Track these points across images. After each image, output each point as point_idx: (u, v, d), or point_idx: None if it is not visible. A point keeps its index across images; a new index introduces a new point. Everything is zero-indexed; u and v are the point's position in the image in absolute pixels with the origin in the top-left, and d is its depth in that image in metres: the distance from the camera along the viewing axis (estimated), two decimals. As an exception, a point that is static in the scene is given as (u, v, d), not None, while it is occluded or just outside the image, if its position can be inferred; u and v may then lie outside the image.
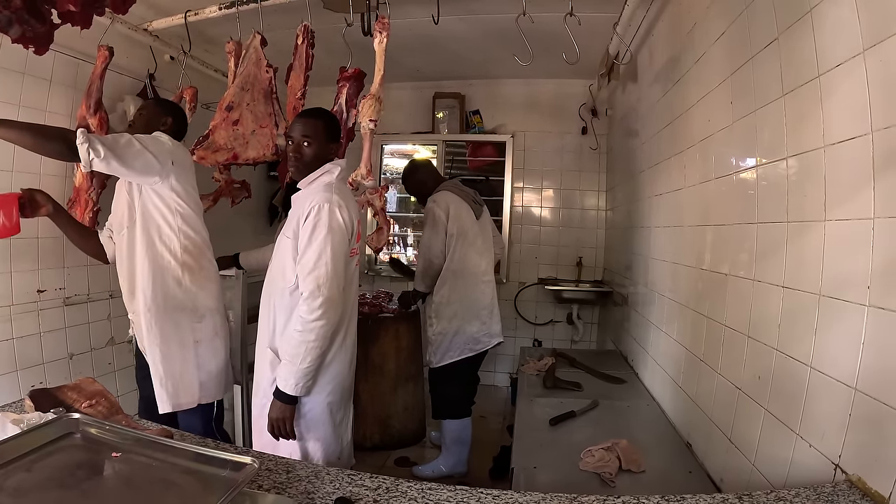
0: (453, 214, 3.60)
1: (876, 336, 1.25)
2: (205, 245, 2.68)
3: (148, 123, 2.66)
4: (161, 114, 2.72)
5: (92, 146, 2.19)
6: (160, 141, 2.52)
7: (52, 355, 3.19)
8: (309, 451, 2.29)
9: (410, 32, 3.87)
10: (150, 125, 2.65)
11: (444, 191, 3.70)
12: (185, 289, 2.59)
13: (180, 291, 2.58)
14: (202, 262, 2.66)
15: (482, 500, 1.27)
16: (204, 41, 3.83)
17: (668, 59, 3.00)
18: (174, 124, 2.72)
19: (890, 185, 1.23)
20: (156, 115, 2.71)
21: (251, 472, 1.11)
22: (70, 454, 1.16)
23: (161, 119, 2.69)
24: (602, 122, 5.33)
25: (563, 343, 5.41)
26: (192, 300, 2.61)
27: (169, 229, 2.54)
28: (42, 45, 2.30)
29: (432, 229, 3.63)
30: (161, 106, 2.79)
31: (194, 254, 2.61)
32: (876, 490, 1.20)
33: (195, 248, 2.62)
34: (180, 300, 2.58)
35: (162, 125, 2.67)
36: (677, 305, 2.71)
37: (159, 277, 2.54)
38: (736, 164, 2.10)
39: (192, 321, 2.62)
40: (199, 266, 2.64)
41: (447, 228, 3.60)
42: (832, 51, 1.45)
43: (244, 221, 5.13)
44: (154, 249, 2.53)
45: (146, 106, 2.80)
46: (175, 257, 2.56)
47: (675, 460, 2.24)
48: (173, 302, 2.57)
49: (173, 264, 2.56)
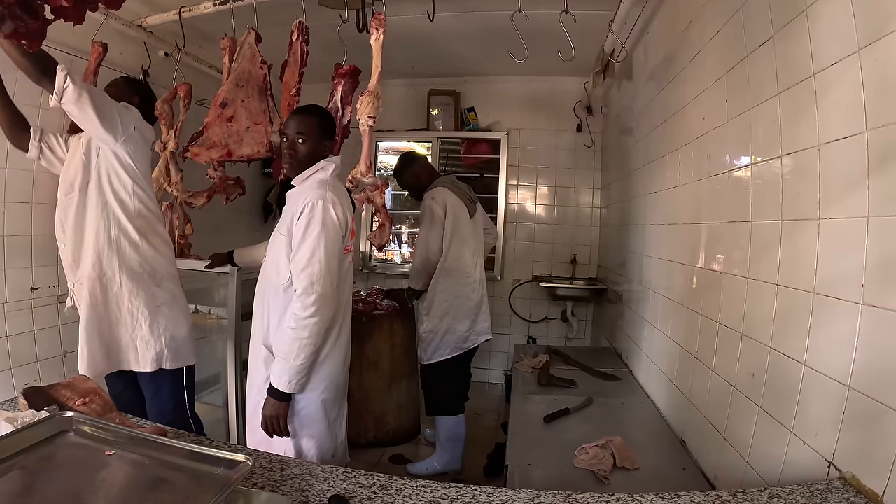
0: (450, 212, 3.60)
1: (870, 334, 1.26)
2: (156, 210, 2.70)
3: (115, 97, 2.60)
4: (130, 93, 2.73)
5: (70, 76, 2.20)
6: (129, 108, 2.56)
7: (46, 353, 3.18)
8: (303, 448, 2.28)
9: (405, 29, 3.87)
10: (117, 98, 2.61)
11: (441, 187, 3.68)
12: (141, 253, 2.59)
13: (137, 255, 2.58)
14: (157, 227, 2.67)
15: (477, 497, 1.27)
16: (198, 37, 3.81)
17: (663, 58, 3.01)
18: (141, 104, 2.73)
19: (884, 183, 1.24)
20: (125, 92, 2.71)
21: (245, 470, 1.11)
22: (64, 452, 1.16)
23: (129, 98, 2.69)
24: (597, 120, 5.34)
25: (557, 340, 5.44)
26: (149, 264, 2.61)
27: (124, 192, 2.54)
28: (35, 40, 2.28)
29: (430, 226, 3.62)
30: (130, 85, 2.80)
31: (149, 218, 2.62)
32: (870, 488, 1.21)
33: (150, 212, 2.62)
34: (137, 263, 2.58)
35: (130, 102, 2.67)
36: (672, 303, 2.72)
37: (115, 240, 2.53)
38: (731, 162, 2.10)
39: (152, 285, 2.62)
40: (153, 231, 2.64)
41: (444, 224, 3.60)
42: (827, 50, 1.45)
43: (238, 218, 5.13)
44: (109, 211, 2.52)
45: (115, 83, 2.78)
46: (132, 220, 2.55)
47: (669, 457, 2.24)
48: (130, 264, 2.56)
49: (129, 228, 2.55)
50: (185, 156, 2.99)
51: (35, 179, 3.08)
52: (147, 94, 2.82)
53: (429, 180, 3.78)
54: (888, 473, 1.16)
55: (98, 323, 2.52)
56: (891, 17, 1.20)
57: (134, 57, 3.62)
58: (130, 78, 2.90)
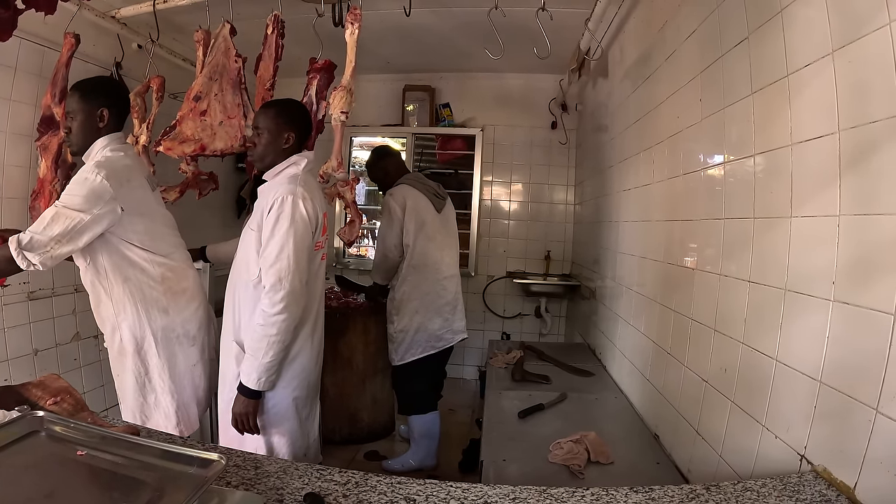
0: (410, 208, 3.57)
1: (841, 330, 1.28)
2: (182, 259, 2.49)
3: (83, 131, 2.30)
4: (93, 109, 2.29)
5: (33, 255, 2.01)
6: (95, 191, 2.11)
7: (17, 351, 3.10)
8: (274, 446, 2.27)
9: (382, 24, 3.85)
10: (85, 132, 2.31)
11: (403, 184, 3.67)
12: (172, 318, 2.38)
13: (169, 321, 2.37)
14: (184, 281, 2.45)
15: (452, 493, 1.27)
16: (172, 30, 3.75)
17: (638, 56, 3.03)
18: (111, 115, 2.32)
19: (855, 183, 1.26)
20: (89, 115, 2.29)
21: (219, 468, 1.09)
22: (35, 453, 1.13)
23: (95, 115, 2.29)
24: (572, 117, 5.37)
25: (531, 336, 5.46)
26: (182, 327, 2.42)
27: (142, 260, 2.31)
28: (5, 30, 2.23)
29: (387, 224, 3.61)
30: (89, 99, 2.29)
31: (174, 278, 2.40)
32: (841, 480, 1.23)
33: (173, 271, 2.40)
34: (170, 330, 2.38)
35: (100, 122, 2.30)
36: (645, 299, 2.75)
37: (144, 315, 2.32)
38: (704, 160, 2.13)
39: (188, 346, 2.44)
40: (182, 287, 2.43)
41: (404, 223, 3.57)
42: (801, 51, 1.47)
43: (211, 214, 5.06)
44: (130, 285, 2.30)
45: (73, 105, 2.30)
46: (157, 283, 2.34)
47: (643, 452, 2.27)
48: (164, 335, 2.36)
49: (156, 294, 2.34)
50: (158, 150, 2.92)
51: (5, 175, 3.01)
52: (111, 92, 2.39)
53: (396, 177, 3.75)
54: (859, 466, 1.18)
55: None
56: (865, 20, 1.22)
57: (107, 49, 3.53)
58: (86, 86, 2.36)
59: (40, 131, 3.03)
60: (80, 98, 2.29)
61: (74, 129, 2.31)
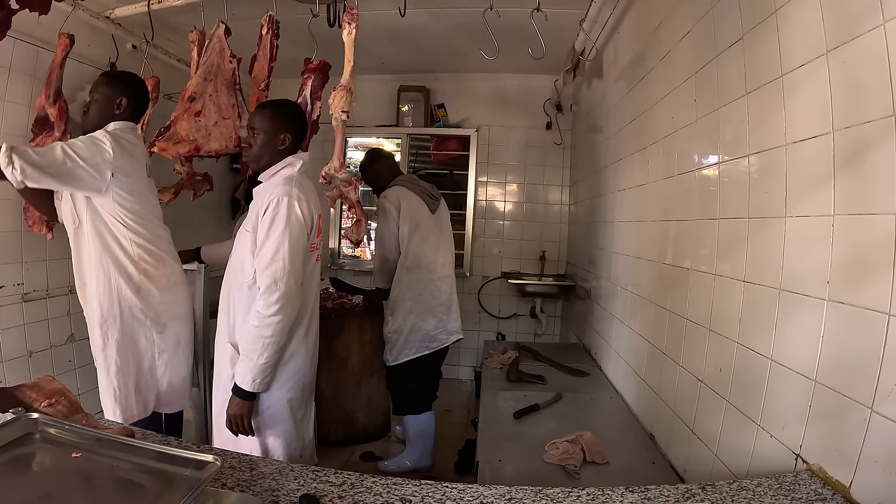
0: (405, 209, 3.56)
1: (835, 329, 1.29)
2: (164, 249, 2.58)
3: (101, 111, 2.50)
4: (114, 96, 2.51)
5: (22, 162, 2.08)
6: (99, 148, 2.33)
7: (11, 353, 3.07)
8: (269, 447, 2.26)
9: (376, 25, 3.85)
10: (103, 112, 2.50)
11: (397, 185, 3.66)
12: (144, 298, 2.49)
13: (139, 301, 2.48)
14: (162, 268, 2.55)
15: (447, 493, 1.27)
16: (167, 30, 3.72)
17: (633, 57, 3.04)
18: (129, 105, 2.54)
19: (850, 182, 1.27)
20: (109, 99, 2.50)
21: (214, 470, 1.09)
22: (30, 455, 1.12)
23: (115, 102, 2.51)
24: (567, 118, 5.38)
25: (526, 336, 5.46)
26: (153, 310, 2.51)
27: (122, 236, 2.43)
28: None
29: (384, 225, 3.60)
30: (114, 86, 2.53)
31: (151, 262, 2.51)
32: (837, 479, 1.24)
33: (151, 255, 2.51)
34: (139, 310, 2.48)
35: (117, 109, 2.51)
36: (640, 299, 2.75)
37: (115, 287, 2.43)
38: (698, 160, 2.13)
39: (155, 331, 2.53)
40: (159, 273, 2.53)
41: (398, 223, 3.57)
42: (796, 51, 1.48)
43: (206, 215, 5.04)
44: (107, 256, 2.42)
45: (98, 88, 2.53)
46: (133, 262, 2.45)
47: (638, 452, 2.27)
48: (131, 313, 2.47)
49: (130, 270, 2.45)
50: (152, 150, 2.91)
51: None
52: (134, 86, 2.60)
53: (389, 179, 3.74)
54: (855, 465, 1.19)
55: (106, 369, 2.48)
56: (859, 20, 1.23)
57: (101, 49, 3.51)
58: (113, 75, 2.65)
59: (34, 132, 3.01)
60: (106, 83, 2.53)
61: (92, 110, 2.53)
